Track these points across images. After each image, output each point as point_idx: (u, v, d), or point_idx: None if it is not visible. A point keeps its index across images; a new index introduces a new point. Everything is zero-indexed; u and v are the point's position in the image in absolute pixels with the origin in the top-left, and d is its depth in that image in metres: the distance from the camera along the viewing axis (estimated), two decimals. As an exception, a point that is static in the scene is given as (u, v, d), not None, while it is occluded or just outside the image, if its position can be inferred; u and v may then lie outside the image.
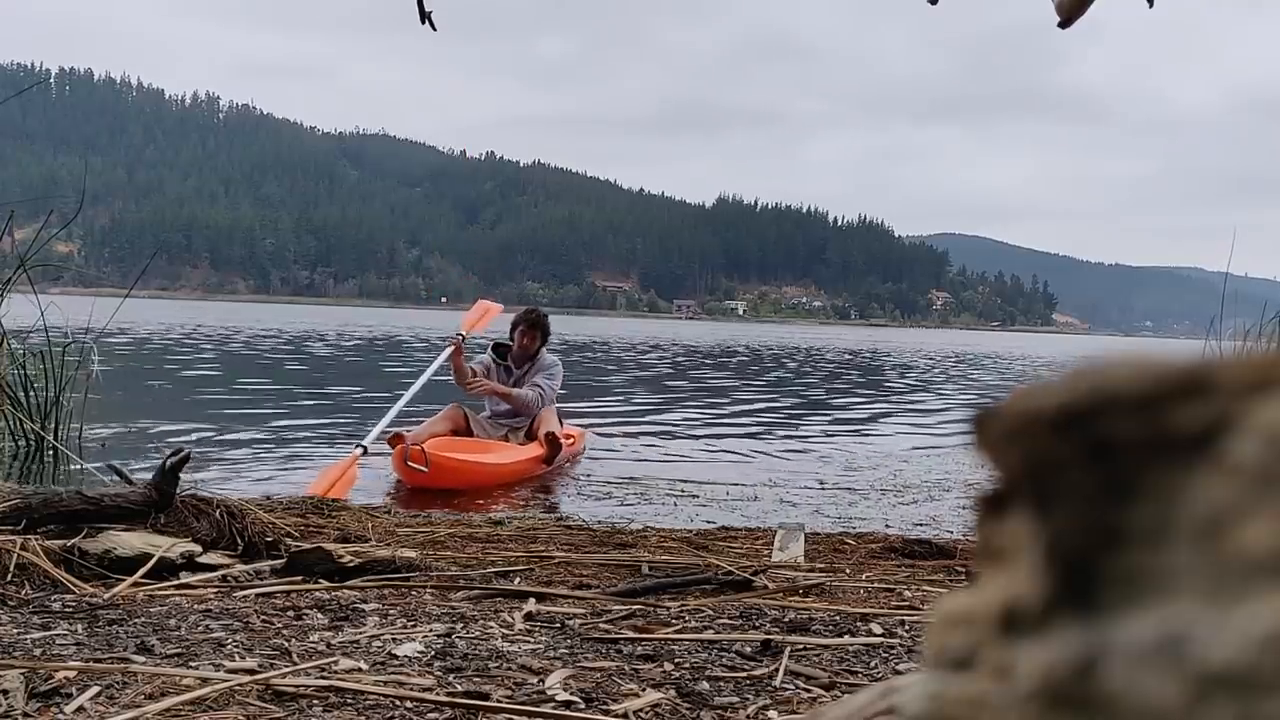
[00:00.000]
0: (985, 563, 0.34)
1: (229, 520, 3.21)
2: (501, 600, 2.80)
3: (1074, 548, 0.31)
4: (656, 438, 9.44)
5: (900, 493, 6.69)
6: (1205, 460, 0.29)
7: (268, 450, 7.65)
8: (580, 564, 3.36)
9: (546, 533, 4.20)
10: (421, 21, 2.26)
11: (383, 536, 3.78)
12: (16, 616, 2.40)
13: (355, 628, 2.41)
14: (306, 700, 1.87)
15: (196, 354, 20.66)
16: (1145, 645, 0.28)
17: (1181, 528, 0.29)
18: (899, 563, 3.76)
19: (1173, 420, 0.30)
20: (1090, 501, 0.31)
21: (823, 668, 2.23)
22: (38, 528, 3.03)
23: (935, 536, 4.57)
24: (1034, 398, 0.32)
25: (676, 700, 1.97)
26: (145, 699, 1.83)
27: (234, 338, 29.02)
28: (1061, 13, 1.31)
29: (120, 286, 9.57)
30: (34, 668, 1.97)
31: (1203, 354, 0.31)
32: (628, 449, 8.60)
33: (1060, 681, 0.30)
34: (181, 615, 2.45)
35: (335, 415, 10.30)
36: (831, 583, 3.15)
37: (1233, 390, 0.29)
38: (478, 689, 1.97)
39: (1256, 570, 0.27)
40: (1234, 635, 0.27)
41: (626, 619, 2.60)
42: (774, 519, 5.19)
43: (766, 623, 2.60)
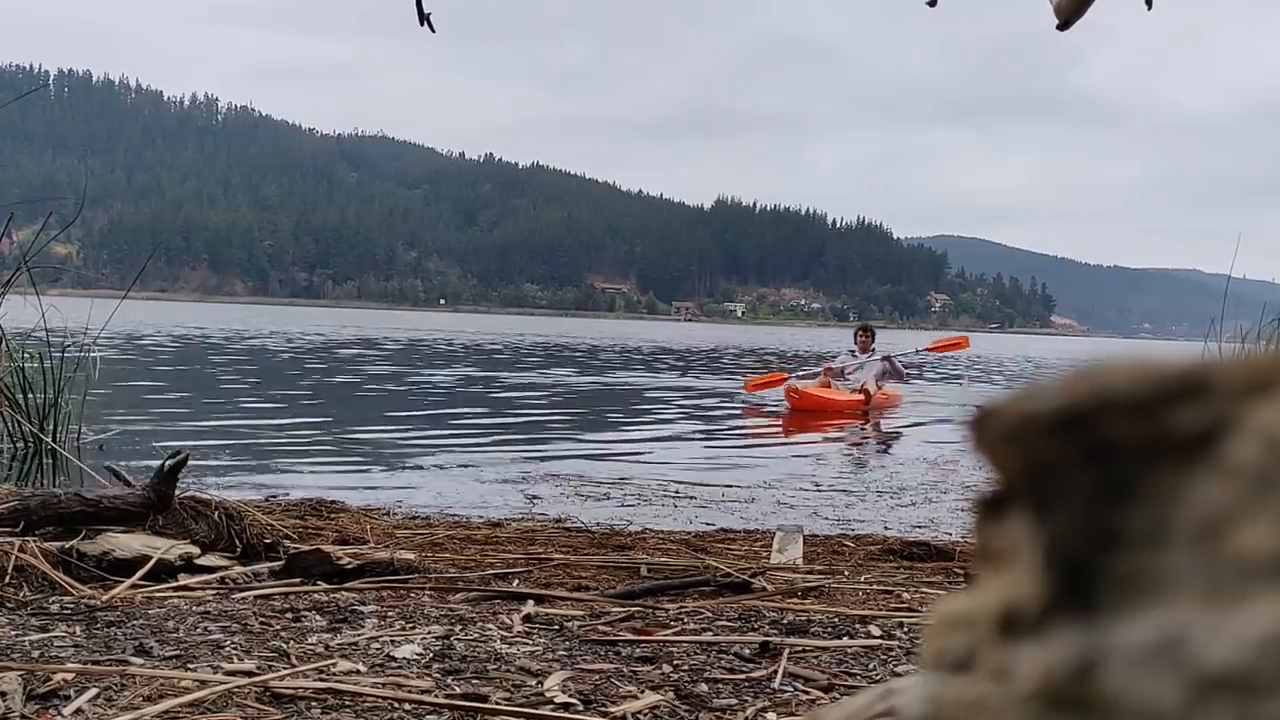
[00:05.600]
0: (984, 565, 0.34)
1: (227, 522, 3.21)
2: (500, 602, 2.80)
3: (1073, 550, 0.31)
4: (656, 437, 9.45)
5: (899, 494, 6.69)
6: (1204, 462, 0.29)
7: (267, 451, 7.64)
8: (579, 566, 3.36)
9: (545, 535, 4.21)
10: (421, 23, 2.26)
11: (381, 538, 3.78)
12: (15, 618, 2.40)
13: (354, 630, 2.40)
14: (305, 702, 1.87)
15: (197, 354, 20.67)
16: (1144, 647, 0.28)
17: (1180, 530, 0.29)
18: (898, 565, 3.77)
19: (1171, 422, 0.30)
20: (1089, 503, 0.31)
21: (821, 670, 2.23)
22: (36, 529, 3.03)
23: (934, 538, 4.57)
24: (1033, 400, 0.32)
25: (675, 702, 1.97)
26: (143, 701, 1.83)
27: (232, 339, 29.02)
28: (1060, 15, 1.32)
29: (119, 288, 9.58)
30: (32, 670, 1.97)
31: (1201, 356, 0.31)
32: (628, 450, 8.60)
33: (1059, 683, 0.30)
34: (180, 617, 2.45)
35: (334, 416, 10.30)
36: (830, 585, 3.15)
37: (1231, 392, 0.29)
38: (476, 691, 1.97)
39: (1255, 572, 0.27)
40: (1232, 637, 0.27)
41: (625, 621, 2.60)
42: (772, 521, 5.19)
43: (765, 625, 2.60)
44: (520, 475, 6.84)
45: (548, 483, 6.66)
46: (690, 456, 8.42)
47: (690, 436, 9.95)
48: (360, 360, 21.37)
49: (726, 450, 9.00)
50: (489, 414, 11.41)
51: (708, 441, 9.60)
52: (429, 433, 9.16)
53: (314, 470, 6.74)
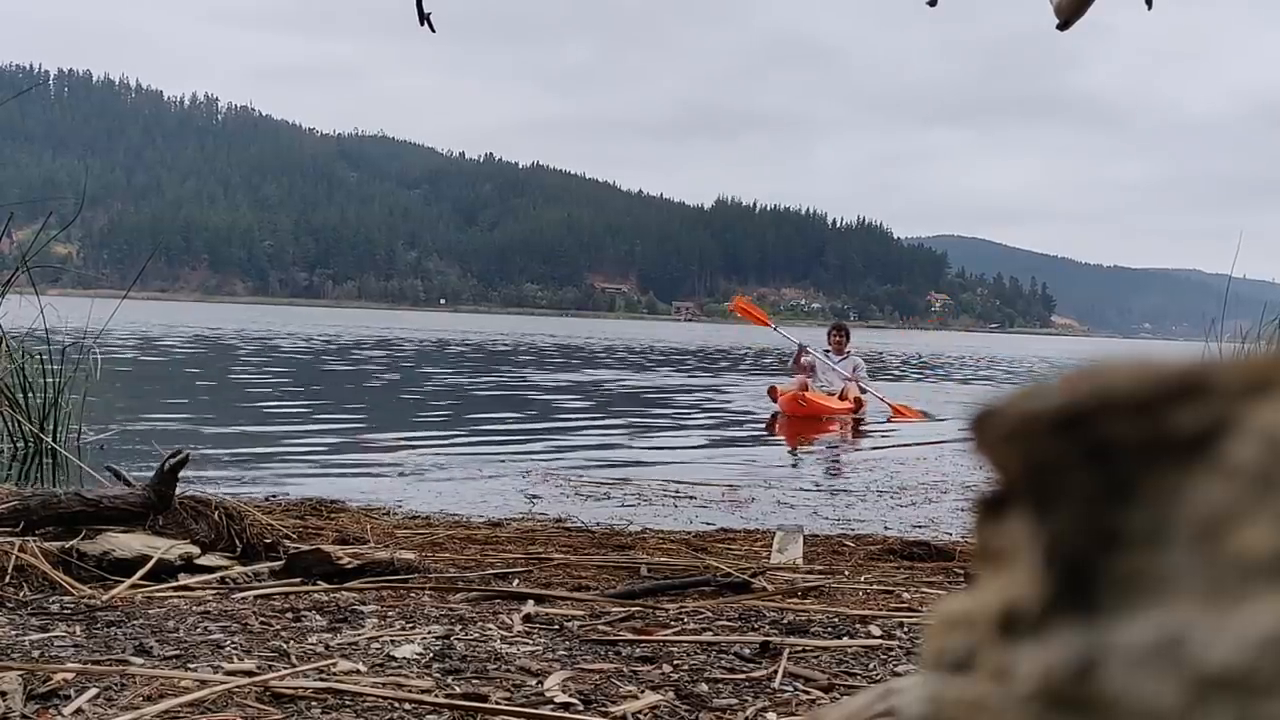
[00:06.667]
0: (984, 564, 0.34)
1: (228, 522, 3.21)
2: (500, 602, 2.80)
3: (1073, 549, 0.31)
4: (658, 439, 9.44)
5: (899, 494, 6.68)
6: (1204, 462, 0.29)
7: (267, 451, 7.64)
8: (579, 566, 3.36)
9: (545, 535, 4.21)
10: (421, 23, 2.26)
11: (381, 538, 3.78)
12: (15, 618, 2.40)
13: (354, 629, 2.40)
14: (305, 702, 1.87)
15: (214, 356, 20.67)
16: (1144, 647, 0.28)
17: (1180, 530, 0.29)
18: (898, 564, 3.77)
19: (1171, 422, 0.30)
20: (1089, 503, 0.31)
21: (821, 670, 2.23)
22: (36, 529, 3.03)
23: (934, 538, 4.57)
24: (1033, 399, 0.32)
25: (675, 702, 1.97)
26: (144, 701, 1.83)
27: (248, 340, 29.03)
28: (1060, 15, 1.32)
29: (119, 288, 9.57)
30: (32, 669, 1.97)
31: (1201, 356, 0.31)
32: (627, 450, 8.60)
33: (1059, 683, 0.30)
34: (180, 617, 2.45)
35: (335, 415, 10.30)
36: (830, 585, 3.15)
37: (1231, 392, 0.29)
38: (476, 691, 1.97)
39: (1255, 572, 0.27)
40: (1232, 637, 0.27)
41: (625, 621, 2.60)
42: (772, 521, 5.18)
43: (765, 625, 2.60)
44: (520, 475, 6.84)
45: (548, 483, 6.65)
46: (690, 456, 8.42)
47: (690, 436, 9.95)
48: (375, 361, 21.37)
49: (727, 450, 9.00)
50: (489, 414, 11.41)
51: (708, 441, 9.60)
52: (430, 432, 9.16)
53: (314, 470, 6.74)
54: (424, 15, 2.26)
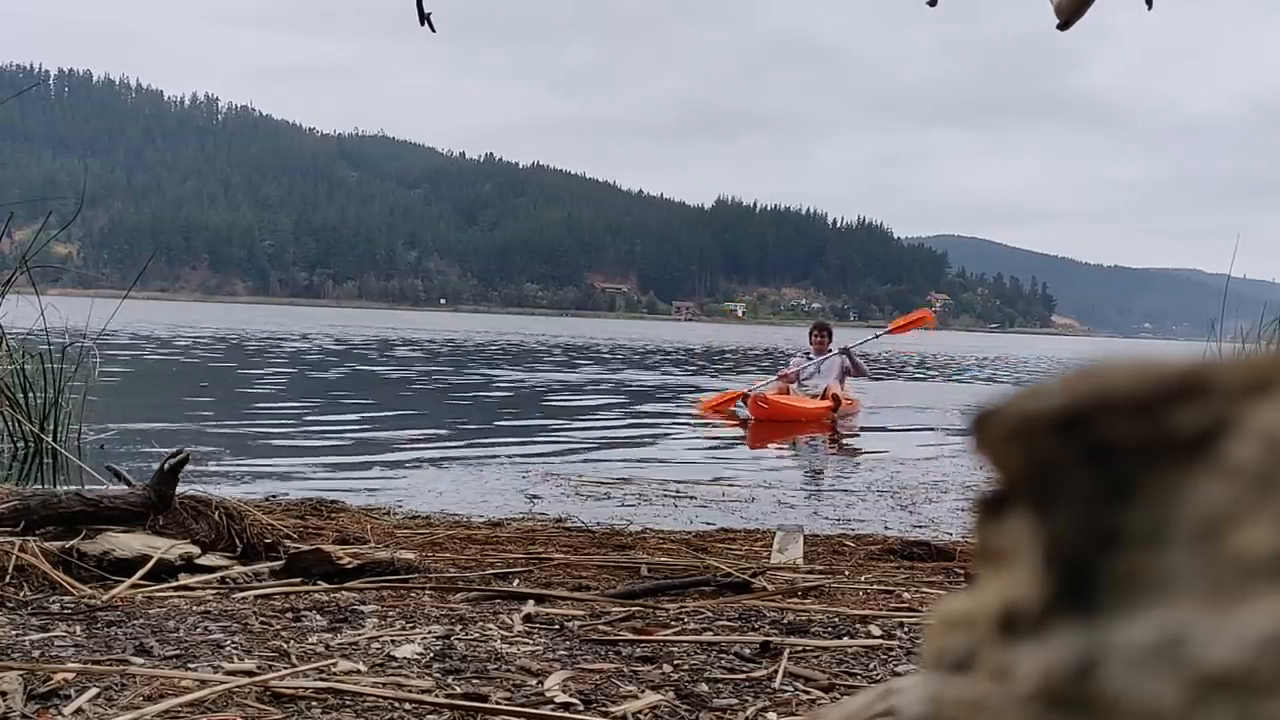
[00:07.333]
0: (984, 564, 0.34)
1: (228, 522, 3.21)
2: (500, 602, 2.80)
3: (1073, 549, 0.31)
4: (656, 437, 9.45)
5: (899, 494, 6.68)
6: (1204, 462, 0.29)
7: (267, 451, 7.64)
8: (579, 566, 3.36)
9: (545, 534, 4.20)
10: (421, 23, 2.26)
11: (381, 538, 3.78)
12: (15, 618, 2.40)
13: (354, 629, 2.40)
14: (305, 702, 1.87)
15: (198, 355, 20.68)
16: (1144, 647, 0.28)
17: (1180, 530, 0.29)
18: (898, 564, 3.77)
19: (1171, 422, 0.30)
20: (1089, 503, 0.31)
21: (822, 670, 2.23)
22: (36, 529, 3.03)
23: (934, 538, 4.57)
24: (1034, 399, 0.32)
25: (675, 702, 1.97)
26: (144, 701, 1.83)
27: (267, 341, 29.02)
28: (1060, 15, 1.32)
29: (119, 288, 9.57)
30: (32, 669, 1.97)
31: (1201, 356, 0.31)
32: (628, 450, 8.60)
33: (1059, 683, 0.30)
34: (180, 617, 2.45)
35: (334, 415, 10.30)
36: (830, 585, 3.15)
37: (1231, 392, 0.29)
38: (476, 691, 1.97)
39: (1255, 572, 0.27)
40: (1232, 637, 0.27)
41: (625, 621, 2.60)
42: (773, 520, 5.18)
43: (765, 624, 2.60)
44: (520, 475, 6.84)
45: (548, 483, 6.65)
46: (690, 456, 8.42)
47: (691, 436, 9.95)
48: (376, 361, 21.37)
49: (727, 450, 9.00)
50: (489, 414, 11.41)
51: (709, 441, 9.60)
52: (429, 432, 9.16)
53: (314, 470, 6.74)
54: (424, 15, 2.26)
